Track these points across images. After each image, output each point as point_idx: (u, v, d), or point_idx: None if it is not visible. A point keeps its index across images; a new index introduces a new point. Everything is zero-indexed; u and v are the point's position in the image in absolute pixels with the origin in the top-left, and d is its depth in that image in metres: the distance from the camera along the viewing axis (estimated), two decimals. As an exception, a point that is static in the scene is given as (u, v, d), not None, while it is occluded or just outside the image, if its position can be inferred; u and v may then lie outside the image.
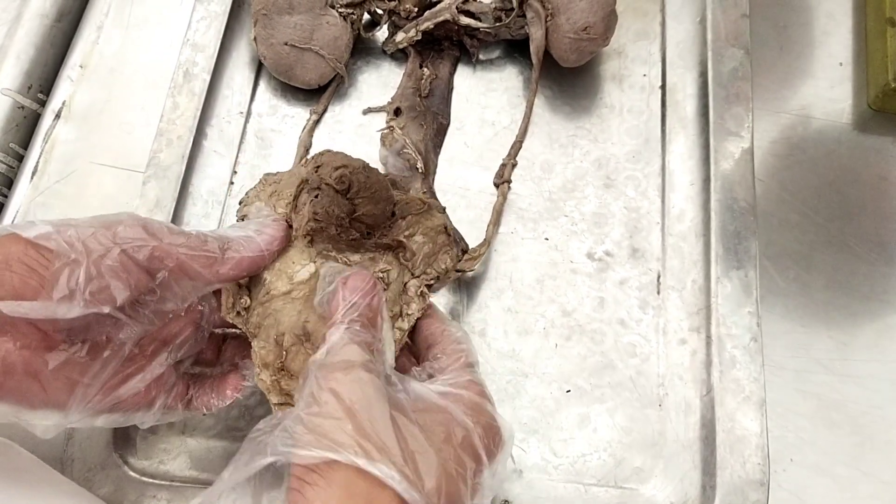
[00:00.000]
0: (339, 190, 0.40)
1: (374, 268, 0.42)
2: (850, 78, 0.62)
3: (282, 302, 0.40)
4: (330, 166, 0.41)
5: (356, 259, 0.42)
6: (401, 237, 0.43)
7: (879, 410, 0.52)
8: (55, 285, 0.33)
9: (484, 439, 0.34)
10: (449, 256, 0.45)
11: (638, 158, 0.59)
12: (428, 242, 0.44)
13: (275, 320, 0.40)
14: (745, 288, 0.52)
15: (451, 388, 0.35)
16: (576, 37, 0.57)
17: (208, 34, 0.60)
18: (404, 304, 0.42)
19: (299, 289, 0.40)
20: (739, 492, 0.47)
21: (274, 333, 0.40)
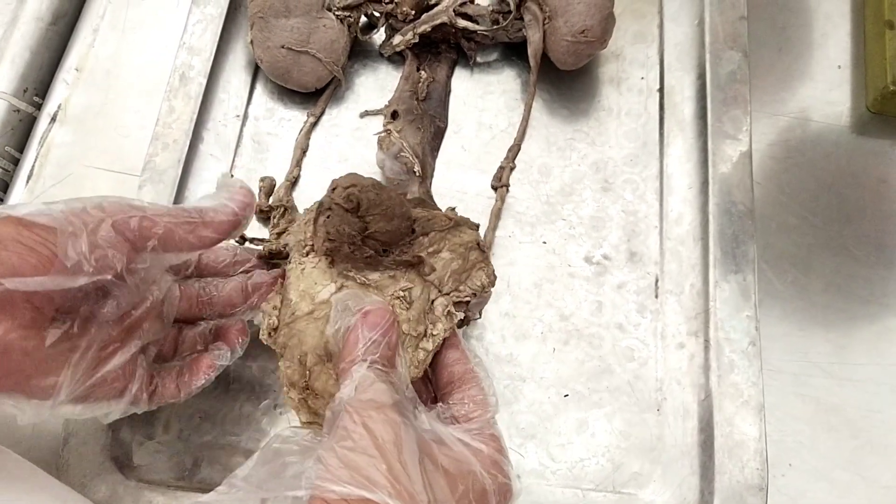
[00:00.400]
0: (349, 209, 0.41)
1: (395, 286, 0.41)
2: (848, 80, 0.62)
3: (305, 322, 0.41)
4: (341, 186, 0.41)
5: (375, 277, 0.41)
6: (422, 253, 0.42)
7: (878, 414, 0.52)
8: (66, 255, 0.34)
9: (497, 497, 0.34)
10: (485, 273, 0.44)
11: (636, 162, 0.59)
12: (457, 259, 0.43)
13: (298, 340, 0.41)
14: (744, 292, 0.52)
15: (473, 441, 0.36)
16: (573, 39, 0.57)
17: (204, 37, 0.59)
18: (430, 324, 0.41)
19: (321, 308, 0.41)
20: (738, 497, 0.47)
21: (298, 353, 0.41)
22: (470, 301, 0.43)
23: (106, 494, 0.47)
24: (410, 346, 0.41)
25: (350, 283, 0.41)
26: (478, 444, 0.36)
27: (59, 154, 0.57)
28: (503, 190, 0.57)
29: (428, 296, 0.42)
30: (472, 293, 0.43)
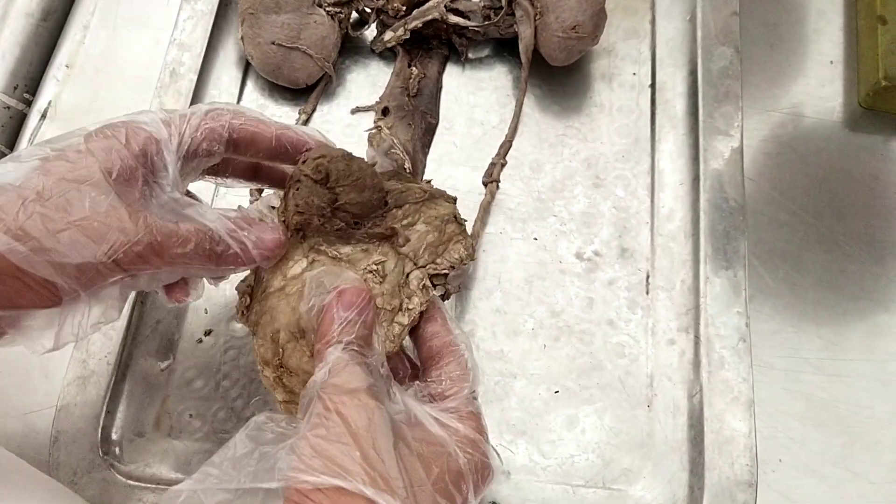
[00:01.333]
0: (317, 179, 0.39)
1: (368, 260, 0.40)
2: (840, 76, 0.62)
3: (276, 298, 0.40)
4: (310, 158, 0.40)
5: (347, 251, 0.41)
6: (395, 225, 0.41)
7: (869, 410, 0.52)
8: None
9: (474, 476, 0.34)
10: (462, 246, 0.42)
11: (627, 158, 0.59)
12: (432, 231, 0.42)
13: (270, 317, 0.40)
14: (734, 288, 0.52)
15: (450, 420, 0.36)
16: (565, 35, 0.57)
17: (195, 33, 0.59)
18: (405, 298, 0.40)
19: (292, 284, 0.40)
20: (728, 493, 0.47)
21: (270, 331, 0.40)
22: (448, 274, 0.42)
23: (96, 492, 0.47)
24: (385, 321, 0.39)
25: (321, 258, 0.40)
26: (454, 423, 0.35)
27: (49, 151, 0.57)
28: (493, 185, 0.57)
29: (402, 269, 0.41)
30: (450, 266, 0.42)
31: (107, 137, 0.36)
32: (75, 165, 0.35)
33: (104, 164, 0.35)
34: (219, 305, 0.54)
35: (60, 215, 0.33)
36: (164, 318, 0.53)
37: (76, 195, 0.34)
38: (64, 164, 0.34)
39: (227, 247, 0.38)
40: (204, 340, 0.53)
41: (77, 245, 0.34)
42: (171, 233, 0.36)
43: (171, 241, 0.36)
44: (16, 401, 0.51)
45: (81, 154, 0.35)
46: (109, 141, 0.36)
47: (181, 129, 0.38)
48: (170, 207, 0.38)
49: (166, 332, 0.53)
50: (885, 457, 0.51)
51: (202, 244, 0.37)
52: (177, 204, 0.38)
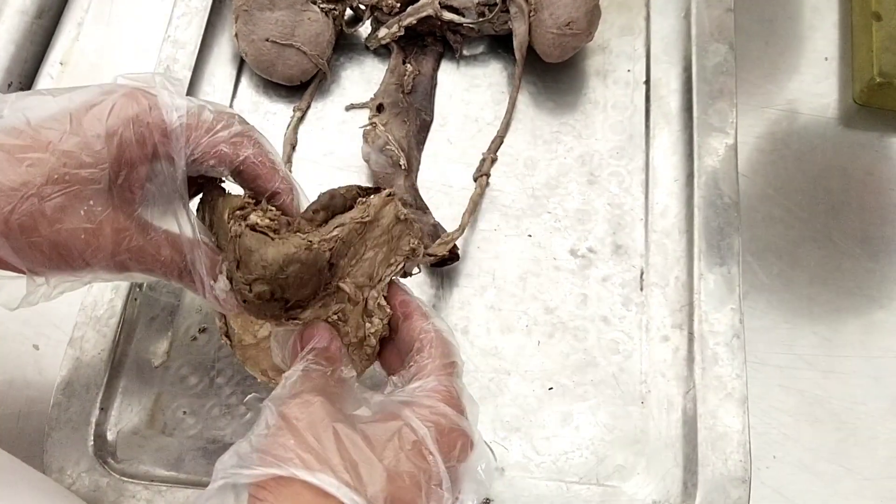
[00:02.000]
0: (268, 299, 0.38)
1: (328, 312, 0.40)
2: (835, 73, 0.62)
3: (254, 350, 0.45)
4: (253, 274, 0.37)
5: (308, 315, 0.40)
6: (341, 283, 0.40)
7: (863, 406, 0.52)
8: None
9: (440, 443, 0.33)
10: (411, 236, 0.42)
11: (622, 154, 0.59)
12: (381, 248, 0.41)
13: (255, 363, 0.46)
14: (728, 285, 0.52)
15: (412, 397, 0.35)
16: (559, 32, 0.57)
17: (189, 30, 0.59)
18: (367, 324, 0.41)
19: (265, 342, 0.45)
20: (721, 489, 0.47)
21: (259, 370, 0.46)
22: (405, 265, 0.42)
23: (89, 489, 0.47)
24: (355, 349, 0.41)
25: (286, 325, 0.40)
26: (415, 398, 0.35)
27: (43, 148, 0.57)
28: (483, 179, 0.57)
29: (362, 302, 0.41)
30: (405, 258, 0.42)
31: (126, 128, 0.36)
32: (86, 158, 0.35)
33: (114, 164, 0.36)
34: (213, 302, 0.54)
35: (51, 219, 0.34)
36: (158, 315, 0.53)
37: (75, 202, 0.35)
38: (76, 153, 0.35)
39: (191, 279, 0.39)
40: (198, 338, 0.53)
41: (56, 252, 0.35)
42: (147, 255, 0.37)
43: (143, 261, 0.37)
44: (9, 398, 0.51)
45: (100, 139, 0.35)
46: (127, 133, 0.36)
47: (201, 139, 0.38)
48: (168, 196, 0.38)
49: (160, 330, 0.53)
50: (878, 453, 0.51)
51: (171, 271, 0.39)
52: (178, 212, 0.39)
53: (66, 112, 0.35)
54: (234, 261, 0.38)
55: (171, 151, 0.37)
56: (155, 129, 0.37)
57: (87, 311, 0.52)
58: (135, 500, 0.47)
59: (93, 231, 0.35)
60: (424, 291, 0.54)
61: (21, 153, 0.34)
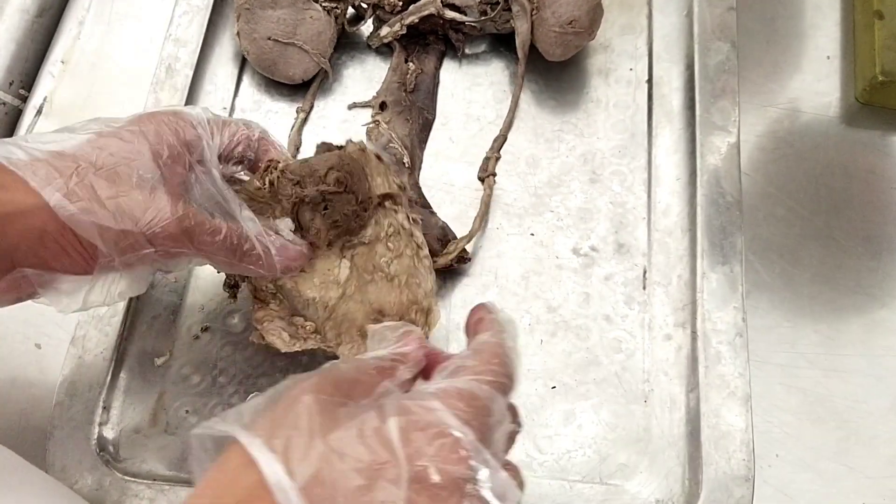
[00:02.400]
0: (343, 191, 0.43)
1: (382, 230, 0.45)
2: (837, 71, 0.62)
3: (344, 304, 0.45)
4: (316, 175, 0.43)
5: (369, 233, 0.45)
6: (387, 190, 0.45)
7: (865, 405, 0.52)
8: None
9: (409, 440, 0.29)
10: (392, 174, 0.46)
11: (624, 153, 0.59)
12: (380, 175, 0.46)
13: (349, 321, 0.45)
14: (731, 283, 0.52)
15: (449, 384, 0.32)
16: (561, 31, 0.57)
17: (191, 29, 0.59)
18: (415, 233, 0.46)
19: (349, 285, 0.45)
20: (724, 488, 0.47)
21: (355, 331, 0.45)
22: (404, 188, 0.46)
23: (92, 487, 0.47)
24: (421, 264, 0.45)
25: (358, 250, 0.45)
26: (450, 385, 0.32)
27: (44, 147, 0.57)
28: (490, 179, 0.57)
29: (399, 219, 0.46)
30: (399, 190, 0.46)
31: (158, 123, 0.39)
32: (127, 145, 0.38)
33: (154, 146, 0.38)
34: (215, 302, 0.54)
35: (109, 185, 0.36)
36: (160, 314, 0.53)
37: (125, 170, 0.37)
38: (117, 142, 0.38)
39: (252, 247, 0.41)
40: (200, 336, 0.53)
41: (120, 213, 0.37)
42: (204, 221, 0.39)
43: (203, 228, 0.39)
44: (12, 397, 0.51)
45: (134, 134, 0.38)
46: (160, 127, 0.39)
47: (222, 129, 0.42)
48: (210, 195, 0.41)
49: (163, 329, 0.53)
50: (881, 451, 0.51)
51: (230, 238, 0.40)
52: (219, 194, 0.41)
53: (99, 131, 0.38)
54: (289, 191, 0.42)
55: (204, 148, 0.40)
56: (184, 121, 0.40)
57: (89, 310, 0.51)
58: (137, 499, 0.47)
59: (148, 195, 0.37)
60: (427, 290, 0.54)
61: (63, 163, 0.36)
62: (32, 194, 0.35)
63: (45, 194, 0.35)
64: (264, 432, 0.28)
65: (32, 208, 0.35)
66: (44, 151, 0.36)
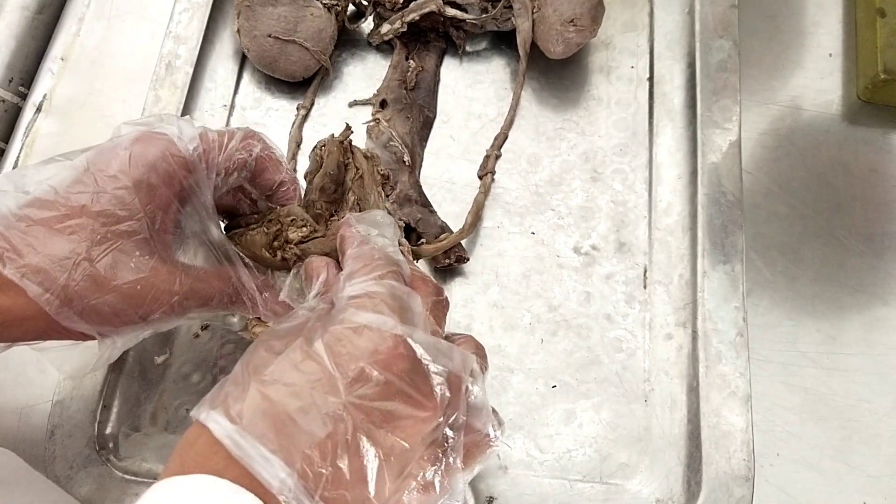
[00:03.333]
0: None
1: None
2: (839, 69, 0.62)
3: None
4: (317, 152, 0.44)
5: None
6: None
7: (867, 404, 0.52)
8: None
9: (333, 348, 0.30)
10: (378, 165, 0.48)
11: (625, 151, 0.58)
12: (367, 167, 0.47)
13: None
14: (732, 282, 0.52)
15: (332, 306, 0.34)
16: (562, 28, 0.57)
17: (191, 26, 0.59)
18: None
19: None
20: (725, 487, 0.47)
21: None
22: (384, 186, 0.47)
23: (92, 487, 0.47)
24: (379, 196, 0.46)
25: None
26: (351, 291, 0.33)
27: (44, 144, 0.57)
28: (488, 178, 0.56)
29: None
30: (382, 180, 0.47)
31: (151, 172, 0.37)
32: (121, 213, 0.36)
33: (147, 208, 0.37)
34: (215, 300, 0.54)
35: (107, 278, 0.35)
36: (160, 312, 0.53)
37: (123, 257, 0.36)
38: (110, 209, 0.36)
39: (242, 301, 0.41)
40: (200, 335, 0.53)
41: (121, 308, 0.36)
42: (199, 290, 0.39)
43: (198, 297, 0.39)
44: (12, 395, 0.51)
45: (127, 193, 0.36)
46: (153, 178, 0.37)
47: (218, 156, 0.39)
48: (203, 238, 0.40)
49: (162, 327, 0.53)
50: (883, 450, 0.51)
51: (223, 300, 0.40)
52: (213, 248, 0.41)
53: (88, 174, 0.36)
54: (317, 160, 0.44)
55: (196, 182, 0.39)
56: (177, 163, 0.38)
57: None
58: (137, 498, 0.47)
59: (147, 281, 0.37)
60: (427, 289, 0.54)
61: (59, 223, 0.35)
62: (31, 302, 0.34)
63: (42, 303, 0.34)
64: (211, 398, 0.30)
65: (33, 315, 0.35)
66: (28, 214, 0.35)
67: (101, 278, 0.35)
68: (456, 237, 0.52)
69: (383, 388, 0.30)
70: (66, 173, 0.36)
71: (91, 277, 0.35)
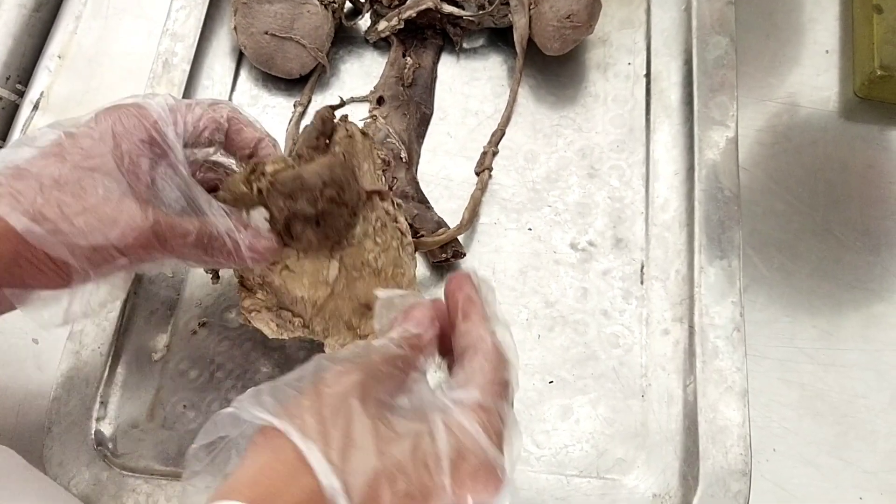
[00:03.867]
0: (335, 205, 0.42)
1: (370, 225, 0.45)
2: (836, 65, 0.62)
3: (332, 302, 0.45)
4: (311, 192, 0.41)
5: (358, 231, 0.45)
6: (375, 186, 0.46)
7: (863, 400, 0.52)
8: None
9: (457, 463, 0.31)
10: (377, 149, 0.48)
11: (622, 148, 0.58)
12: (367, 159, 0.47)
13: (338, 317, 0.46)
14: (729, 278, 0.52)
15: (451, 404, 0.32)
16: (559, 25, 0.57)
17: (188, 23, 0.59)
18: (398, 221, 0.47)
19: (338, 284, 0.45)
20: (722, 482, 0.47)
21: (343, 324, 0.46)
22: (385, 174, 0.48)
23: (90, 482, 0.47)
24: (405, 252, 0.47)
25: (348, 251, 0.44)
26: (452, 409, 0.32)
27: (42, 142, 0.57)
28: (485, 175, 0.56)
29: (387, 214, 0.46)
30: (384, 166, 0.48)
31: (116, 122, 0.39)
32: (89, 153, 0.37)
33: (115, 151, 0.38)
34: (212, 297, 0.54)
35: (76, 201, 0.36)
36: (157, 309, 0.53)
37: (90, 182, 0.37)
38: (79, 152, 0.37)
39: (222, 244, 0.41)
40: (198, 332, 0.53)
41: (90, 229, 0.36)
42: (173, 224, 0.39)
43: (173, 232, 0.39)
44: (9, 392, 0.51)
45: (94, 142, 0.38)
46: (120, 127, 0.39)
47: (185, 116, 0.41)
48: (178, 191, 0.41)
49: (160, 324, 0.53)
50: (879, 446, 0.51)
51: (201, 238, 0.40)
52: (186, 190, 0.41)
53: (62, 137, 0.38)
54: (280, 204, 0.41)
55: (166, 138, 0.40)
56: (143, 115, 0.39)
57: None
58: (135, 494, 0.47)
59: (117, 206, 0.37)
60: (425, 286, 0.54)
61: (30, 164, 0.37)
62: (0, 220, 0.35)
63: (12, 220, 0.35)
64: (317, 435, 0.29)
65: (2, 234, 0.35)
66: (2, 168, 0.36)
67: (70, 200, 0.36)
68: (454, 232, 0.52)
69: None
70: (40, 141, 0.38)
71: (60, 198, 0.36)
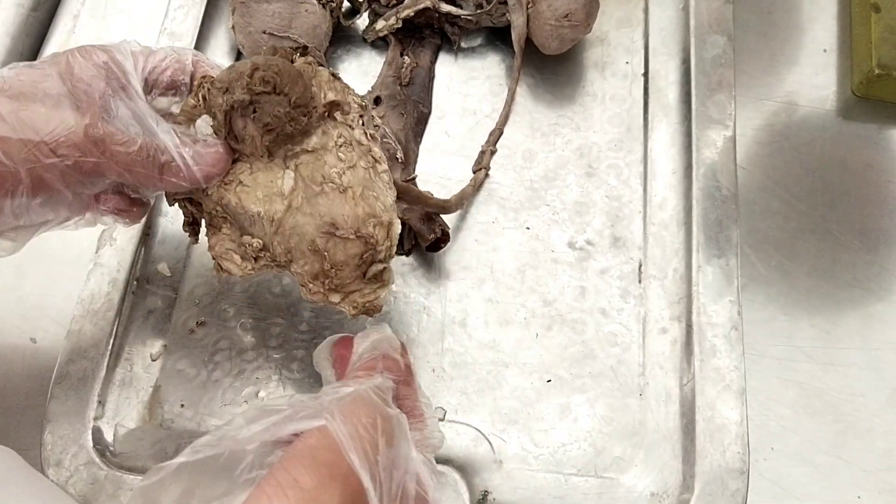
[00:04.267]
0: (271, 91, 0.40)
1: (331, 140, 0.42)
2: (834, 64, 0.62)
3: (291, 217, 0.41)
4: (243, 77, 0.40)
5: (314, 142, 0.41)
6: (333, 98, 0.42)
7: (861, 398, 0.52)
8: None
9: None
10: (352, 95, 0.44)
11: (620, 147, 0.58)
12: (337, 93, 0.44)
13: (299, 235, 0.41)
14: (726, 276, 0.52)
15: None
16: (557, 24, 0.57)
17: (186, 23, 0.59)
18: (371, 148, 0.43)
19: (295, 196, 0.41)
20: (719, 481, 0.47)
21: (306, 245, 0.41)
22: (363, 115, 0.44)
23: (87, 482, 0.47)
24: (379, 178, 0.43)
25: (302, 158, 0.42)
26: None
27: (39, 141, 0.57)
28: (481, 173, 0.56)
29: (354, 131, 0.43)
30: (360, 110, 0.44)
31: (73, 52, 0.39)
32: (39, 71, 0.39)
33: (64, 70, 0.39)
34: (211, 296, 0.54)
35: (11, 102, 0.37)
36: (155, 308, 0.53)
37: (30, 88, 0.38)
38: (28, 70, 0.39)
39: (170, 158, 0.40)
40: (196, 331, 0.53)
41: (20, 124, 0.37)
42: (114, 131, 0.38)
43: (113, 139, 0.38)
44: (6, 392, 0.51)
45: (46, 63, 0.39)
46: (75, 56, 0.39)
47: (147, 56, 0.41)
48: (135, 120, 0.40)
49: (157, 323, 0.53)
50: (877, 445, 0.51)
51: (147, 149, 0.39)
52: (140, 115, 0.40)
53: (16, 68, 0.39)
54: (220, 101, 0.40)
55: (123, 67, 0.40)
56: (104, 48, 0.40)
57: (84, 304, 0.51)
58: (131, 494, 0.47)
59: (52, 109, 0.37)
60: (422, 284, 0.54)
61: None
62: None
63: None
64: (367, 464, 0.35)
65: None
66: None
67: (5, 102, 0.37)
68: (441, 201, 0.51)
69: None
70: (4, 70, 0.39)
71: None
